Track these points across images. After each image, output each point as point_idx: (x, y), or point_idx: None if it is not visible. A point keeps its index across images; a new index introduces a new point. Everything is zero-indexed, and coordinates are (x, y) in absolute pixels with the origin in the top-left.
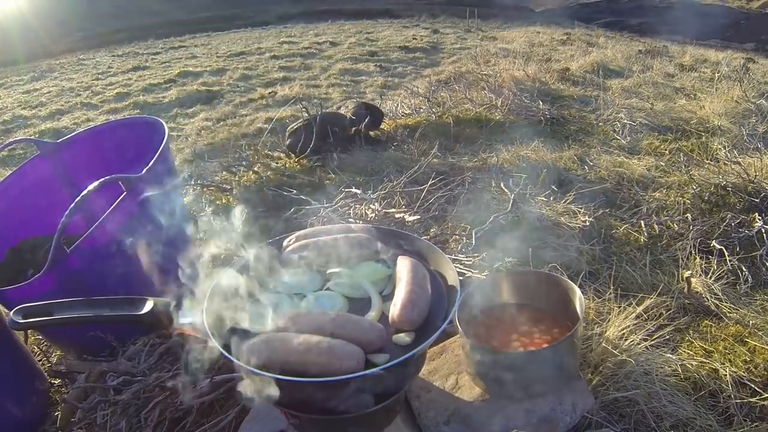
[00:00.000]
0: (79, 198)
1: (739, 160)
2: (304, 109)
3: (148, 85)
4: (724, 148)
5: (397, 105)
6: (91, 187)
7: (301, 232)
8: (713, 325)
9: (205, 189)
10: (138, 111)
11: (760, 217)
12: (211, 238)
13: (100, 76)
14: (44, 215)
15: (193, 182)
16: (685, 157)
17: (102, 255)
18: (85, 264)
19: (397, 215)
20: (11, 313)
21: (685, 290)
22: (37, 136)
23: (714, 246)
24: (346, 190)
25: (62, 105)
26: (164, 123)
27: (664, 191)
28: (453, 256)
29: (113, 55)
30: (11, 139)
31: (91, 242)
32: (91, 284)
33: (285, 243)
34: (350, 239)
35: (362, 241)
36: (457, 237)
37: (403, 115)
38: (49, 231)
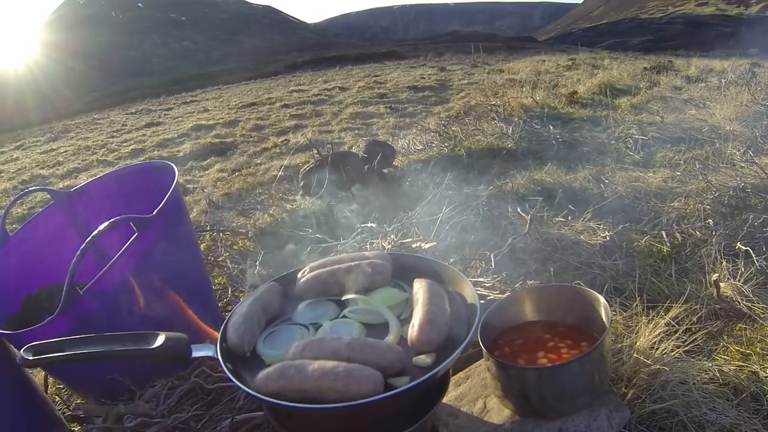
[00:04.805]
0: (89, 238)
1: (756, 160)
2: (316, 152)
3: (162, 140)
4: (739, 151)
5: (409, 142)
6: (101, 227)
7: (315, 263)
8: (747, 327)
9: (221, 234)
10: None
11: None
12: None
13: (114, 134)
14: (60, 263)
15: (209, 228)
16: (701, 165)
17: (115, 296)
18: (99, 305)
19: (413, 244)
20: (21, 350)
21: (715, 295)
22: None
23: (739, 248)
24: (362, 225)
25: (79, 163)
26: (174, 166)
27: (683, 200)
28: (473, 279)
29: (127, 113)
30: (26, 189)
31: (104, 283)
32: (106, 325)
33: (299, 275)
34: (364, 266)
35: (376, 266)
36: (476, 262)
37: (415, 151)
38: (65, 279)
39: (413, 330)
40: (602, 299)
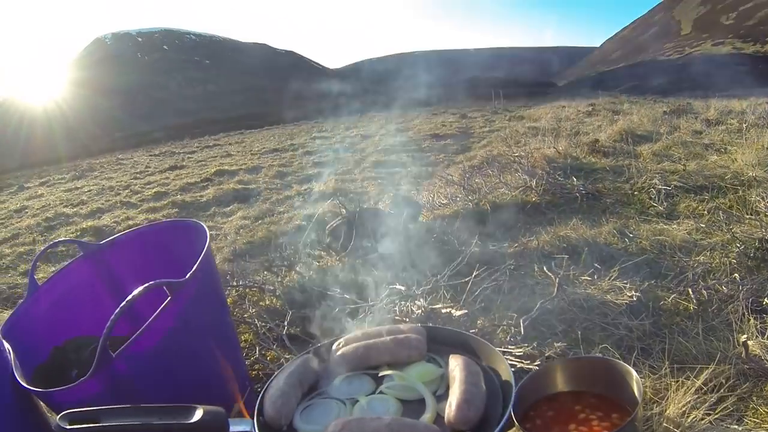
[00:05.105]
0: (124, 303)
1: None
2: (341, 206)
3: (185, 184)
4: (764, 199)
5: (434, 195)
6: (135, 292)
7: (350, 335)
8: None
9: (248, 290)
10: (176, 210)
11: None
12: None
13: (138, 175)
14: (88, 315)
15: (234, 283)
16: (725, 215)
17: (148, 359)
18: (131, 368)
19: (443, 310)
20: (58, 418)
21: (743, 355)
22: (78, 234)
23: (767, 304)
24: (390, 286)
25: (102, 203)
26: (206, 226)
27: (708, 254)
28: (503, 348)
29: (150, 155)
30: (55, 240)
31: (137, 346)
32: (138, 388)
33: (334, 347)
34: (400, 340)
35: (412, 341)
36: (505, 327)
37: (440, 206)
38: (93, 331)
39: (450, 409)
40: (634, 373)
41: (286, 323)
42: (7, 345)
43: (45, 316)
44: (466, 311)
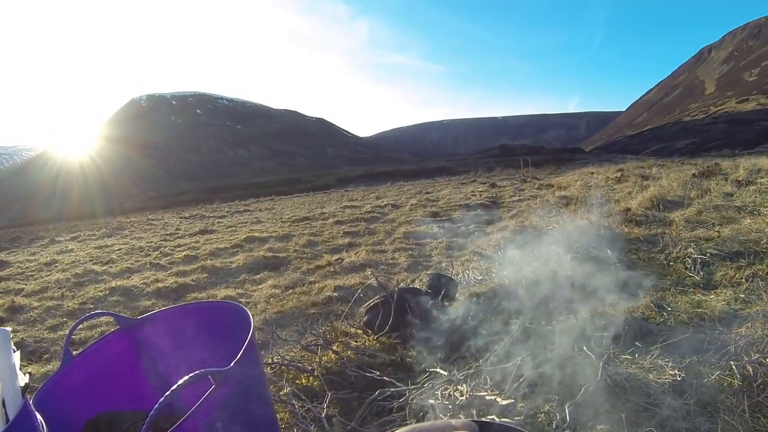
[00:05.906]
0: (168, 393)
1: None
2: (377, 282)
3: (215, 249)
4: None
5: (468, 270)
6: (181, 382)
7: (401, 430)
8: None
9: (284, 368)
10: (206, 275)
11: None
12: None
13: (168, 237)
14: (122, 390)
15: (270, 360)
16: (763, 283)
17: None
18: None
19: (487, 397)
20: None
21: None
22: (107, 293)
23: None
24: (431, 369)
25: (132, 263)
26: (249, 312)
27: (750, 325)
28: None
29: (181, 217)
30: (92, 312)
31: None
32: None
33: None
34: None
35: None
36: (550, 409)
37: (476, 282)
38: (127, 406)
39: None
40: None
41: (325, 404)
42: (40, 418)
43: (78, 389)
44: (512, 400)
